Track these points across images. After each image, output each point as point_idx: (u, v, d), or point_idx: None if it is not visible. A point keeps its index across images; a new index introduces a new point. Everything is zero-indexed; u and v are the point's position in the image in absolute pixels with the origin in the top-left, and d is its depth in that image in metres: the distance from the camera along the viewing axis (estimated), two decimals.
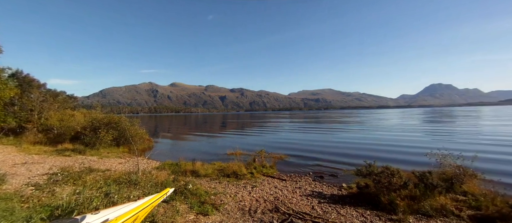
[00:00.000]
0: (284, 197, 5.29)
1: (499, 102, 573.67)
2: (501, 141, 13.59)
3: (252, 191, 5.71)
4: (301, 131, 24.57)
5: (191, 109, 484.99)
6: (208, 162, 9.03)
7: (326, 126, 30.24)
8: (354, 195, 5.46)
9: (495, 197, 4.57)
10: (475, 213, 4.19)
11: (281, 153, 11.34)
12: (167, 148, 14.97)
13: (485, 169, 6.64)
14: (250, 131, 26.34)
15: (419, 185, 4.93)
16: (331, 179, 7.38)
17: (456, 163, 5.83)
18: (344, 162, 9.37)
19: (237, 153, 11.06)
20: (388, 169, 5.31)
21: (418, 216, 4.19)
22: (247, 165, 8.10)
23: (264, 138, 19.44)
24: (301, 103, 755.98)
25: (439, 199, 4.61)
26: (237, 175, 7.10)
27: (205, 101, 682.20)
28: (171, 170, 7.61)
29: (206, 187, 5.81)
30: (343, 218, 4.10)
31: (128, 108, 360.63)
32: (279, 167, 8.66)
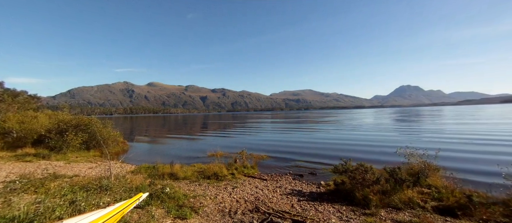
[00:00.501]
0: (265, 197, 5.32)
1: (458, 102, 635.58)
2: (458, 138, 15.03)
3: (233, 192, 5.66)
4: (282, 131, 24.96)
5: (170, 109, 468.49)
6: (188, 164, 8.79)
7: (306, 126, 31.06)
8: (332, 192, 5.66)
9: (454, 189, 5.03)
10: (437, 204, 4.58)
11: (263, 153, 11.40)
12: (143, 150, 14.28)
13: (445, 163, 7.29)
14: (232, 132, 26.15)
15: (390, 180, 5.26)
16: (310, 177, 7.57)
17: (421, 159, 6.33)
18: (323, 161, 9.67)
19: (218, 154, 10.90)
20: (362, 166, 5.59)
21: (389, 209, 4.47)
22: (228, 166, 8.03)
23: (246, 138, 19.42)
24: (283, 103, 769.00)
25: (407, 192, 4.95)
26: (218, 176, 6.99)
27: (185, 102, 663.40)
28: (148, 173, 7.26)
29: (185, 190, 5.64)
30: (321, 215, 4.23)
31: (100, 109, 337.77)
32: (260, 167, 8.70)
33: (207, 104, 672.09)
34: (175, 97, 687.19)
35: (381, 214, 4.22)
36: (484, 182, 6.22)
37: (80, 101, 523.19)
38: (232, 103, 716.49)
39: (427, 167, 6.13)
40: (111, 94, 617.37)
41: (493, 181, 6.01)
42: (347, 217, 4.17)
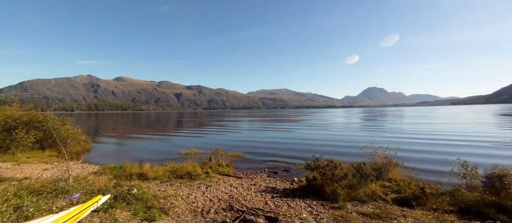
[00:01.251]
0: (239, 195, 5.30)
1: (416, 103, 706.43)
2: (415, 136, 16.70)
3: (207, 191, 5.54)
4: (259, 129, 25.16)
5: (142, 106, 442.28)
6: (159, 164, 8.38)
7: (282, 124, 31.74)
8: (304, 188, 5.86)
9: (410, 182, 5.56)
10: (396, 196, 5.01)
11: (239, 151, 11.36)
12: (109, 150, 13.24)
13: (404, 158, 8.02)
14: (208, 130, 25.61)
15: (356, 175, 5.62)
16: (284, 174, 7.75)
17: (384, 155, 6.88)
18: (297, 158, 9.94)
19: (192, 153, 10.58)
20: (332, 162, 5.88)
21: (355, 202, 4.77)
22: (202, 165, 7.83)
23: (222, 137, 19.17)
24: (260, 102, 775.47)
25: (371, 186, 5.34)
26: (191, 175, 6.78)
27: (158, 98, 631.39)
28: (113, 174, 6.75)
29: (155, 191, 5.36)
30: (293, 210, 4.35)
31: (59, 105, 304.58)
32: (236, 165, 8.66)
33: (181, 101, 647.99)
34: (147, 93, 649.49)
35: (347, 207, 4.49)
36: (436, 172, 6.97)
37: (35, 95, 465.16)
38: (209, 101, 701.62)
39: (389, 163, 6.68)
40: (73, 88, 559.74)
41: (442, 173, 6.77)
42: (317, 211, 4.35)
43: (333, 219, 3.94)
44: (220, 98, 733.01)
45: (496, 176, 4.50)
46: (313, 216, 4.10)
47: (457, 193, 4.63)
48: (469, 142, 13.04)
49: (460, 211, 4.21)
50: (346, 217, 3.90)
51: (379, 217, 3.94)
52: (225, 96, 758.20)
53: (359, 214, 4.17)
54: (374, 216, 4.02)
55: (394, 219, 3.86)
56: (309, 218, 4.01)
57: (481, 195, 4.37)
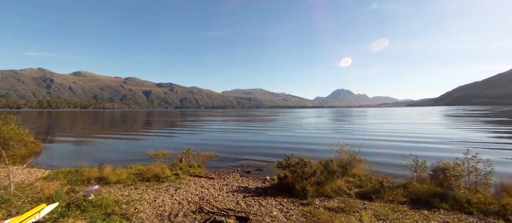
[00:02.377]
0: (210, 196, 5.18)
1: (378, 104, 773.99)
2: (377, 135, 18.27)
3: (176, 193, 5.29)
4: (233, 129, 24.97)
5: (105, 104, 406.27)
6: (123, 166, 7.79)
7: (256, 124, 31.99)
8: (276, 186, 5.97)
9: (371, 177, 6.04)
10: (359, 190, 5.40)
11: (212, 151, 11.12)
12: (64, 152, 11.87)
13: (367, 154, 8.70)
14: (180, 130, 24.59)
15: (324, 172, 5.91)
16: (257, 173, 7.80)
17: (349, 152, 7.37)
18: (270, 157, 10.07)
19: (160, 154, 10.03)
20: (302, 160, 6.09)
21: (322, 198, 5.02)
22: (171, 166, 7.47)
23: (194, 137, 18.58)
24: (235, 101, 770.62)
25: (337, 182, 5.67)
26: (159, 178, 6.42)
27: (124, 96, 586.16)
28: (68, 179, 6.06)
29: (117, 195, 4.94)
30: (264, 209, 4.39)
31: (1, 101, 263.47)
32: (208, 166, 8.46)
33: (151, 100, 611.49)
34: (111, 90, 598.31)
35: (315, 203, 4.69)
36: (394, 166, 7.68)
37: None
38: (181, 100, 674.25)
39: (353, 159, 7.18)
40: (20, 82, 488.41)
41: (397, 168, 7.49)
42: (287, 208, 4.46)
43: (301, 215, 4.08)
44: (194, 96, 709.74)
45: (440, 169, 5.13)
46: (283, 214, 4.19)
47: (409, 186, 5.17)
48: (420, 139, 14.69)
49: (412, 201, 4.70)
50: (314, 212, 4.07)
51: (343, 211, 4.20)
52: (199, 95, 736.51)
53: (325, 209, 4.39)
54: (339, 210, 4.27)
55: (356, 212, 4.14)
56: (279, 215, 4.09)
57: (428, 187, 4.94)
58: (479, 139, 14.87)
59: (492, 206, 4.21)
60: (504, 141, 13.91)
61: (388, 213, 4.11)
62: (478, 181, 5.02)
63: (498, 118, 34.08)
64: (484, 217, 3.99)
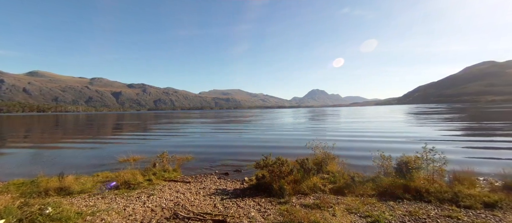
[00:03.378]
0: (186, 201, 4.99)
1: (350, 104, 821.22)
2: (349, 132, 19.35)
3: (148, 200, 5.00)
4: (211, 130, 24.49)
5: (68, 107, 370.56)
6: (89, 174, 7.16)
7: (235, 125, 31.79)
8: (254, 187, 5.96)
9: (344, 173, 6.36)
10: (333, 186, 5.65)
11: (188, 154, 10.76)
12: (18, 162, 10.55)
13: (340, 150, 9.15)
14: (154, 133, 23.41)
15: (300, 170, 6.08)
16: (235, 174, 7.73)
17: (323, 150, 7.67)
18: (249, 158, 10.04)
19: (132, 159, 9.44)
20: (280, 159, 6.18)
21: (299, 196, 5.15)
22: (144, 172, 7.07)
23: (170, 140, 17.83)
24: (212, 102, 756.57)
25: (313, 179, 5.86)
26: (130, 184, 6.03)
27: (91, 98, 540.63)
28: (21, 191, 5.38)
29: (81, 207, 4.52)
30: (241, 210, 4.36)
31: None
32: (184, 169, 8.16)
33: (121, 101, 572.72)
34: (75, 92, 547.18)
35: (292, 201, 4.79)
36: (365, 159, 8.18)
37: None
38: (155, 101, 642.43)
39: (328, 157, 7.49)
40: None
41: (367, 164, 7.99)
42: (265, 208, 4.49)
43: (279, 214, 4.13)
44: (169, 98, 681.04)
45: (403, 163, 5.58)
46: (261, 214, 4.21)
47: (377, 179, 5.54)
48: (388, 136, 15.90)
49: (380, 194, 5.05)
50: (290, 210, 4.15)
51: (318, 207, 4.35)
52: (174, 96, 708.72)
53: (302, 206, 4.51)
54: (314, 206, 4.42)
55: (330, 207, 4.33)
56: (257, 216, 4.10)
57: (394, 179, 5.35)
58: (435, 134, 16.57)
59: (446, 194, 4.70)
60: (455, 134, 15.70)
61: (358, 206, 4.36)
62: (435, 172, 5.57)
63: (451, 115, 38.35)
64: (440, 204, 4.44)
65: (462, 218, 3.83)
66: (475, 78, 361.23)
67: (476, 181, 5.56)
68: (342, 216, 3.90)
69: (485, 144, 12.69)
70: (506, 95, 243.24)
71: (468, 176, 5.50)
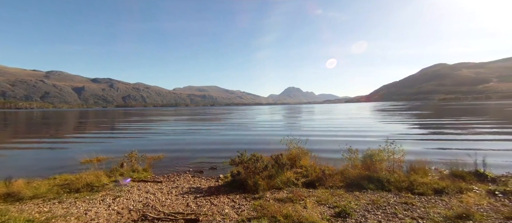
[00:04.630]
0: (157, 201, 4.77)
1: (323, 101, 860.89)
2: (323, 128, 20.28)
3: (114, 203, 4.67)
4: (185, 128, 23.71)
5: (18, 103, 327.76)
6: (45, 177, 6.44)
7: (211, 122, 31.21)
8: (229, 184, 5.93)
9: (316, 167, 6.65)
10: (305, 180, 5.87)
11: (161, 153, 10.29)
12: None
13: (313, 144, 9.54)
14: (122, 131, 21.88)
15: (275, 166, 6.19)
16: (210, 172, 7.60)
17: (297, 145, 7.92)
18: (225, 154, 9.89)
19: (96, 160, 8.70)
20: (255, 156, 6.23)
21: (273, 190, 5.25)
22: (110, 173, 6.58)
23: (141, 139, 16.85)
24: (188, 99, 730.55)
25: (287, 174, 6.03)
26: (93, 187, 5.56)
27: (47, 93, 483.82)
28: None
29: (33, 213, 4.04)
30: (215, 208, 4.30)
31: None
32: (156, 169, 7.78)
33: (85, 98, 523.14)
34: (28, 86, 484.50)
35: (266, 196, 4.87)
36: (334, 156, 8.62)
37: None
38: (124, 97, 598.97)
39: (301, 152, 7.75)
40: None
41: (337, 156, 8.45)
42: (239, 204, 4.49)
43: (253, 210, 4.17)
44: (139, 94, 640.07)
45: (368, 156, 6.03)
46: (235, 210, 4.20)
47: (345, 172, 5.90)
48: (356, 130, 17.02)
49: (347, 185, 5.39)
50: (264, 205, 4.22)
51: (291, 201, 4.49)
52: (146, 92, 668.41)
53: (275, 200, 4.61)
54: (287, 200, 4.55)
55: (302, 200, 4.49)
56: (231, 212, 4.09)
57: (360, 171, 5.75)
58: (396, 128, 18.20)
59: (403, 183, 5.20)
60: (412, 129, 17.44)
61: (328, 198, 4.60)
62: (395, 163, 6.12)
63: (412, 112, 42.43)
64: (398, 193, 4.89)
65: (416, 204, 4.28)
66: (429, 78, 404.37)
67: (429, 170, 6.23)
68: (312, 208, 4.08)
69: (436, 136, 14.33)
70: (454, 94, 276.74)
71: (422, 166, 6.15)
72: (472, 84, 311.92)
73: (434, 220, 3.61)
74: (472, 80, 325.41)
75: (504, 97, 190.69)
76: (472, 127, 17.55)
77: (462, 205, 4.13)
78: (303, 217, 3.55)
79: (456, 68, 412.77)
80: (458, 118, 25.71)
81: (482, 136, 13.55)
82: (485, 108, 47.45)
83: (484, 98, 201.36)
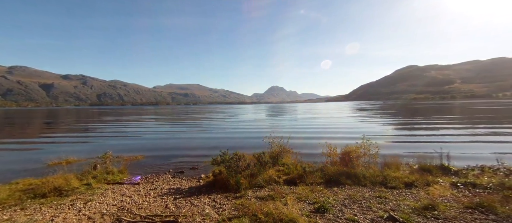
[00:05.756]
0: (133, 204, 4.55)
1: (305, 100, 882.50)
2: (305, 126, 20.76)
3: (85, 207, 4.37)
4: (166, 127, 22.95)
5: None
6: (5, 182, 5.86)
7: (193, 122, 30.51)
8: (211, 183, 5.84)
9: (297, 164, 6.78)
10: (287, 177, 5.96)
11: (139, 154, 9.84)
12: None
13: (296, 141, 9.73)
14: (97, 132, 20.60)
15: (257, 164, 6.22)
16: (191, 172, 7.42)
17: (280, 143, 8.02)
18: (207, 153, 9.73)
19: (65, 162, 8.09)
20: (237, 155, 6.21)
21: (255, 189, 5.26)
22: (81, 175, 6.16)
23: (118, 139, 15.98)
24: (169, 97, 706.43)
25: (269, 172, 6.08)
26: (62, 191, 5.16)
27: (10, 90, 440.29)
28: None
29: None
30: (195, 209, 4.21)
31: None
32: (133, 170, 7.42)
33: (54, 95, 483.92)
34: None
35: (248, 195, 4.87)
36: (315, 152, 8.85)
37: None
38: (99, 95, 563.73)
39: (283, 150, 7.86)
40: None
41: (318, 152, 8.69)
42: (220, 204, 4.44)
43: (234, 209, 4.15)
44: (116, 92, 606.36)
45: (346, 153, 6.28)
46: (216, 210, 4.15)
47: (325, 169, 6.09)
48: (336, 128, 17.66)
49: (326, 182, 5.56)
50: (245, 204, 4.21)
51: (272, 198, 4.53)
52: (123, 90, 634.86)
53: (257, 198, 4.62)
54: (268, 198, 4.58)
55: (283, 197, 4.56)
56: (212, 212, 4.02)
57: (338, 168, 5.97)
58: (373, 126, 19.20)
59: (378, 178, 5.49)
60: (387, 126, 18.51)
61: (308, 194, 4.72)
62: (371, 159, 6.45)
63: (386, 111, 44.98)
64: (373, 187, 5.16)
65: (389, 197, 4.54)
66: (402, 79, 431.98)
67: (400, 165, 6.65)
68: (293, 205, 4.15)
69: (408, 132, 15.34)
70: (424, 93, 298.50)
71: (394, 162, 6.54)
72: (440, 85, 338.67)
73: (404, 211, 3.85)
74: (439, 81, 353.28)
75: (467, 97, 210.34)
76: (439, 124, 19.07)
77: (428, 197, 4.46)
78: (283, 214, 3.60)
79: (425, 69, 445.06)
80: (427, 116, 27.78)
81: (447, 132, 14.78)
82: (451, 107, 51.78)
83: (449, 98, 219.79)
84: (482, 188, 4.83)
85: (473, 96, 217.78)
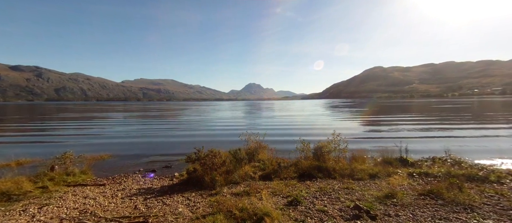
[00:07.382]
0: (98, 206, 4.22)
1: (282, 98, 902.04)
2: (281, 123, 21.23)
3: (40, 212, 3.94)
4: (136, 125, 21.61)
5: None
6: None
7: (166, 119, 29.21)
8: (185, 182, 5.67)
9: (272, 160, 6.92)
10: (262, 173, 6.06)
11: (104, 153, 9.13)
12: None
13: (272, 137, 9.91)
14: (54, 130, 18.58)
15: (233, 161, 6.20)
16: (164, 171, 7.13)
17: (256, 140, 8.09)
18: (181, 151, 9.39)
19: (15, 163, 7.18)
20: (212, 151, 6.10)
21: (231, 185, 5.26)
22: (36, 178, 5.52)
23: (79, 138, 14.63)
24: (140, 93, 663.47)
25: (245, 168, 6.11)
26: (11, 196, 4.57)
27: None
28: None
29: None
30: (168, 208, 4.06)
31: None
32: (99, 171, 6.87)
33: (1, 89, 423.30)
34: None
35: (223, 191, 4.85)
36: (290, 148, 9.11)
37: None
38: (58, 90, 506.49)
39: (260, 146, 7.95)
40: None
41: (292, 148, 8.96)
42: (194, 202, 4.35)
43: (208, 206, 4.10)
44: (78, 86, 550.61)
45: (318, 148, 6.58)
46: (190, 208, 4.05)
47: (299, 163, 6.31)
48: (310, 124, 18.39)
49: (300, 176, 5.78)
50: (220, 200, 4.19)
51: (247, 194, 4.57)
52: (86, 83, 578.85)
53: (232, 195, 4.63)
54: (244, 194, 4.61)
55: (258, 192, 4.63)
56: (185, 211, 3.92)
57: (311, 162, 6.23)
58: (344, 122, 20.43)
59: (346, 171, 5.87)
60: (356, 122, 19.85)
61: (282, 188, 4.86)
62: (340, 154, 6.85)
63: (355, 108, 48.08)
64: (342, 179, 5.50)
65: (355, 188, 4.89)
66: (370, 79, 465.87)
67: (366, 159, 7.17)
68: (267, 199, 4.24)
69: (373, 127, 16.62)
70: (388, 93, 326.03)
71: (361, 155, 7.04)
72: (401, 85, 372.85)
73: (368, 200, 4.19)
74: (400, 82, 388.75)
75: (423, 96, 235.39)
76: (400, 120, 21.00)
77: (389, 186, 4.90)
78: (258, 209, 3.65)
79: (389, 70, 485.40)
80: (390, 113, 30.40)
81: (407, 127, 16.34)
82: (410, 105, 57.31)
83: (409, 97, 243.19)
84: (433, 177, 5.46)
85: (428, 96, 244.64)
